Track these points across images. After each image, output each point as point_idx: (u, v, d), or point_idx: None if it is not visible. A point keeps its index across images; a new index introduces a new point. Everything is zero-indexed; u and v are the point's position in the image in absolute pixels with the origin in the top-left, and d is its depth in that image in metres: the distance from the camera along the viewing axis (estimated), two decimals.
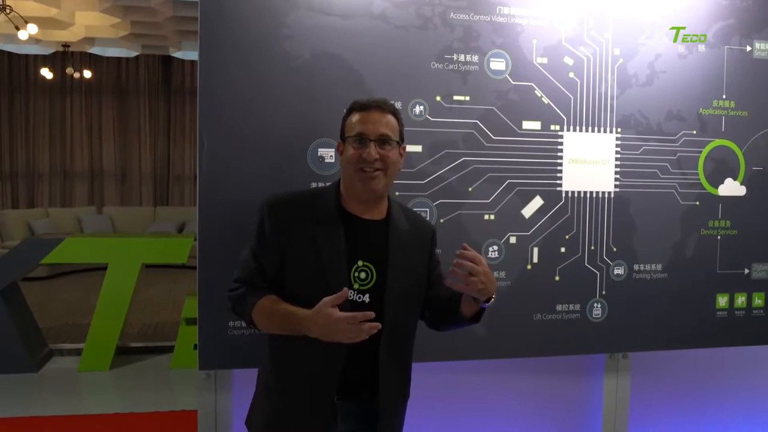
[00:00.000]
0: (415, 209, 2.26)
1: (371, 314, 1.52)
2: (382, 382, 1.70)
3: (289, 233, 1.68)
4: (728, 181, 2.61)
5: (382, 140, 1.66)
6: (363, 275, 1.68)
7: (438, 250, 1.92)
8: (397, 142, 1.71)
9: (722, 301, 2.62)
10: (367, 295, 1.67)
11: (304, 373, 1.69)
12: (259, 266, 1.71)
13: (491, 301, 1.71)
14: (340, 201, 1.73)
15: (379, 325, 1.52)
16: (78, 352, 4.97)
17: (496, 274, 2.37)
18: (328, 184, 1.96)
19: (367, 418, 1.72)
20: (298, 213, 1.70)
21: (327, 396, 1.67)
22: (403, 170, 2.24)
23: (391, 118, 1.70)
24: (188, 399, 4.11)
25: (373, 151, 1.64)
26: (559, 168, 2.43)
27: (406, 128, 2.22)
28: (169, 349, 5.05)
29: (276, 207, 1.71)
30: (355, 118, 1.69)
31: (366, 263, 1.68)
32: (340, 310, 1.53)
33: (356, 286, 1.67)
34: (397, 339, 1.75)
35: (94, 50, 9.50)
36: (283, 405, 1.71)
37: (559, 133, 2.42)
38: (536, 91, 2.38)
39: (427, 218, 2.28)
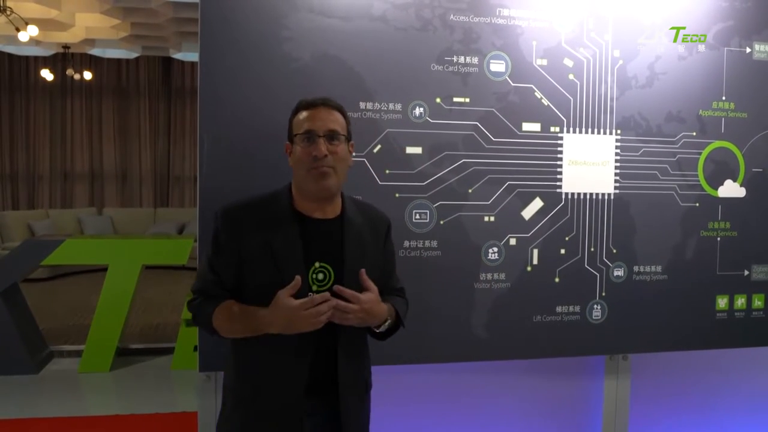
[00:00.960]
0: (414, 211, 2.27)
1: (327, 295, 1.53)
2: (341, 377, 1.70)
3: (243, 240, 1.67)
4: (728, 182, 2.61)
5: (331, 136, 1.66)
6: (321, 276, 1.68)
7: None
8: (346, 138, 1.71)
9: (722, 302, 2.62)
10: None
11: (272, 376, 1.68)
12: (215, 277, 1.70)
13: (386, 324, 1.73)
14: (292, 203, 1.72)
15: (328, 296, 1.54)
16: (78, 353, 4.98)
17: (496, 275, 2.37)
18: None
19: (332, 413, 1.72)
20: (251, 219, 1.69)
21: (296, 396, 1.67)
22: (403, 172, 2.25)
23: (338, 115, 1.71)
24: (189, 400, 4.11)
25: (322, 146, 1.64)
26: (559, 170, 2.43)
27: (406, 130, 2.25)
28: (170, 351, 5.06)
29: (229, 214, 1.70)
30: (302, 116, 1.70)
31: (323, 264, 1.68)
32: None
33: (315, 287, 1.67)
34: (356, 333, 1.74)
35: (95, 51, 9.50)
36: (254, 412, 1.70)
37: (559, 134, 2.42)
38: (536, 93, 2.39)
39: (428, 220, 2.29)
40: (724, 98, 2.59)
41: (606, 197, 2.48)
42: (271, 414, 1.69)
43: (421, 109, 2.28)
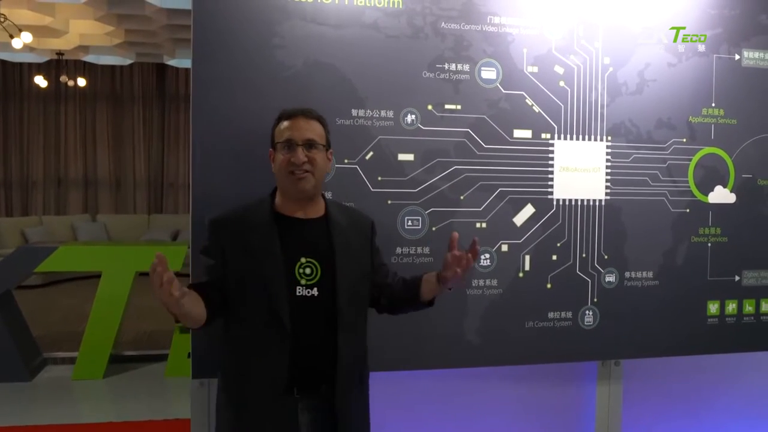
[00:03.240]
0: (407, 218, 2.28)
1: (162, 256, 1.47)
2: (339, 370, 1.77)
3: (229, 247, 1.79)
4: (718, 188, 2.63)
5: (309, 144, 1.78)
6: (308, 270, 1.78)
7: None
8: (324, 147, 1.82)
9: (713, 308, 2.64)
10: (315, 289, 1.77)
11: (257, 372, 1.75)
12: (206, 277, 1.81)
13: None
14: (274, 206, 1.83)
15: (167, 272, 1.47)
16: (72, 360, 4.96)
17: (488, 281, 2.39)
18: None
19: (326, 407, 1.79)
20: (232, 225, 1.81)
21: (286, 395, 1.74)
22: (395, 179, 2.27)
23: (316, 125, 1.82)
24: (183, 407, 4.10)
25: (300, 154, 1.75)
26: (550, 176, 2.44)
27: (398, 137, 2.26)
28: (164, 358, 5.05)
29: (215, 225, 1.82)
30: (283, 125, 1.81)
31: (309, 259, 1.78)
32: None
33: (303, 281, 1.76)
34: (351, 325, 1.83)
35: (89, 58, 9.49)
36: (243, 411, 1.77)
37: (550, 141, 2.44)
38: (527, 100, 2.40)
39: (420, 227, 2.30)
40: (713, 105, 2.61)
41: (597, 203, 2.49)
42: (263, 411, 1.75)
43: (413, 116, 2.29)
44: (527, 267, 2.43)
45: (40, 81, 9.53)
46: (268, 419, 1.74)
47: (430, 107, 2.31)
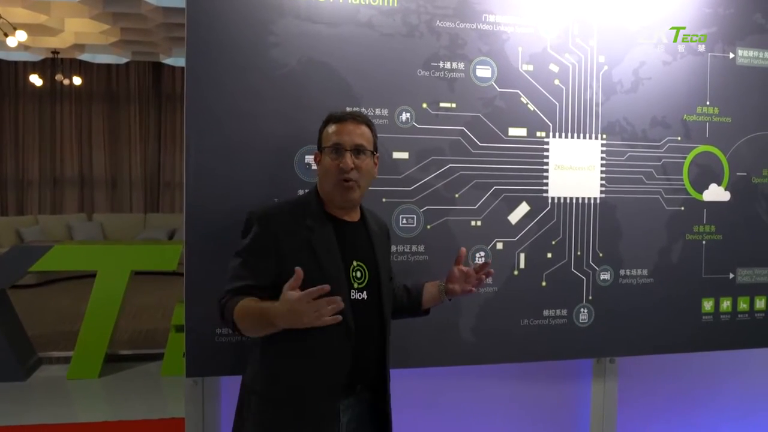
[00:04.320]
0: (401, 216, 2.28)
1: (326, 287, 1.52)
2: (387, 372, 1.84)
3: (285, 243, 1.72)
4: (713, 186, 2.63)
5: (358, 150, 1.76)
6: (359, 274, 1.78)
7: None
8: (372, 152, 1.81)
9: (708, 305, 2.64)
10: (364, 293, 1.77)
11: (308, 380, 1.71)
12: (252, 280, 1.71)
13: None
14: (323, 206, 1.80)
15: (337, 298, 1.53)
16: (67, 359, 4.96)
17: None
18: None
19: (364, 407, 1.83)
20: (291, 222, 1.75)
21: (333, 400, 1.73)
22: (390, 177, 2.26)
23: (365, 129, 1.80)
24: (178, 406, 4.09)
25: (349, 160, 1.74)
26: (545, 174, 2.44)
27: (393, 135, 2.27)
28: (159, 357, 5.05)
29: (269, 218, 1.75)
30: (331, 129, 1.79)
31: (359, 263, 1.78)
32: (342, 308, 1.57)
33: (356, 285, 1.76)
34: (388, 331, 1.86)
35: (84, 57, 9.47)
36: (285, 414, 1.71)
37: (545, 139, 2.44)
38: (522, 98, 2.40)
39: (414, 225, 2.31)
40: (708, 103, 2.61)
41: (592, 201, 2.50)
42: (308, 414, 1.71)
43: (408, 114, 2.29)
44: (522, 265, 2.43)
45: (36, 80, 9.51)
46: (317, 420, 1.71)
47: (424, 105, 2.31)
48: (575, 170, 2.47)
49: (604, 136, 2.50)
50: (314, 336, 1.64)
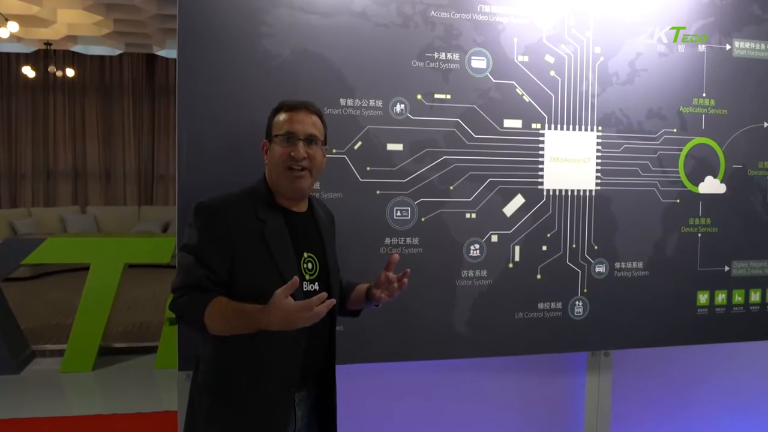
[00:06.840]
0: (395, 208, 2.27)
1: (324, 295, 1.53)
2: (332, 364, 1.83)
3: (237, 235, 1.67)
4: (708, 179, 2.62)
5: (310, 140, 1.73)
6: (310, 266, 1.75)
7: None
8: (322, 143, 1.78)
9: (703, 298, 2.64)
10: (315, 284, 1.75)
11: (264, 374, 1.68)
12: (205, 271, 1.64)
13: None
14: (273, 197, 1.76)
15: (333, 300, 1.54)
16: (60, 353, 4.95)
17: (477, 272, 2.37)
18: None
19: (313, 399, 1.82)
20: (242, 214, 1.70)
21: (289, 391, 1.71)
22: (384, 169, 2.25)
23: (317, 119, 1.77)
24: (172, 399, 4.08)
25: (301, 149, 1.70)
26: (540, 166, 2.43)
27: (387, 127, 2.25)
28: (153, 350, 5.04)
29: (218, 209, 1.68)
30: (282, 117, 1.75)
31: (310, 254, 1.76)
32: (294, 299, 1.52)
33: (307, 276, 1.73)
34: (335, 321, 1.84)
35: (77, 48, 9.42)
36: (243, 411, 1.68)
37: (541, 131, 2.42)
38: (517, 90, 2.39)
39: (409, 217, 2.29)
40: (704, 95, 2.60)
41: (587, 194, 2.48)
42: (262, 407, 1.68)
43: (402, 105, 2.27)
44: (517, 258, 2.42)
45: (28, 71, 9.45)
46: (271, 415, 1.69)
47: (419, 97, 2.29)
48: (571, 162, 2.46)
49: (600, 128, 2.49)
50: (268, 330, 1.57)
